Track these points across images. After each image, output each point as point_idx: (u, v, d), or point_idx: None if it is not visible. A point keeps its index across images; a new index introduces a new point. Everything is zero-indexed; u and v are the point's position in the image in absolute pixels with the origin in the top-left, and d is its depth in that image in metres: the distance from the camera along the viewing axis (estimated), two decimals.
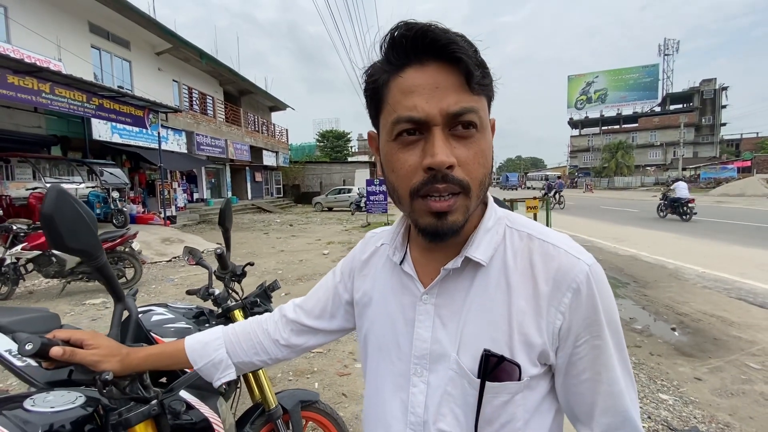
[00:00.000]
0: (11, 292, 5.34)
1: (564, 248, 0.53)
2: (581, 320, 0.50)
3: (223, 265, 1.46)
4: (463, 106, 0.47)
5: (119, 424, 0.80)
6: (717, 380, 2.92)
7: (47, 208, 0.62)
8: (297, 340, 0.75)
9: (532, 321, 0.51)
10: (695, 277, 5.73)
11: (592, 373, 0.51)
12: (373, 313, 0.64)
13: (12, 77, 7.09)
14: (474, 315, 0.53)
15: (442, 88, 0.47)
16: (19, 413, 0.85)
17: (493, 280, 0.53)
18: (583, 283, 0.50)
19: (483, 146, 0.49)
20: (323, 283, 0.76)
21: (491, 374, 0.51)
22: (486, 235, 0.55)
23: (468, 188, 0.49)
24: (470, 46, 0.47)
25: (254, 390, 1.46)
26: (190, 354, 0.74)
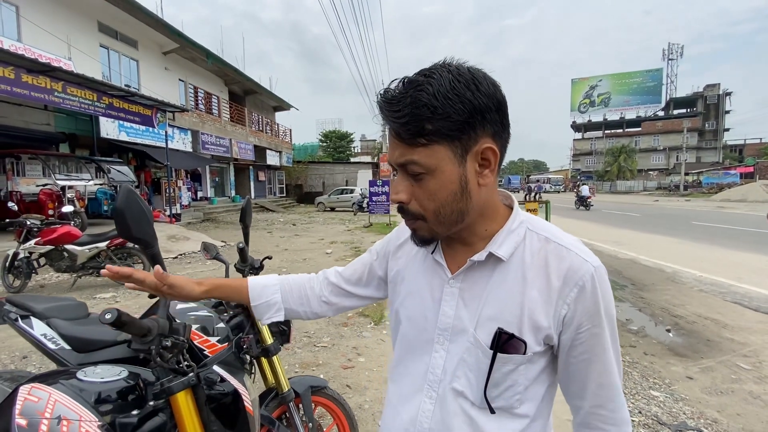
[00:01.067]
0: (24, 286, 5.48)
1: (575, 251, 0.64)
2: (584, 311, 0.62)
3: (243, 258, 1.59)
4: (406, 159, 0.60)
5: (162, 392, 0.93)
6: (708, 379, 3.02)
7: (120, 204, 0.75)
8: (334, 300, 0.90)
9: (541, 309, 0.63)
10: (692, 281, 5.82)
11: (589, 354, 0.63)
12: (406, 290, 0.77)
13: (26, 76, 7.26)
14: (492, 300, 0.65)
15: (394, 144, 0.61)
16: (74, 382, 0.98)
17: (512, 273, 0.65)
18: (588, 281, 0.62)
19: (432, 187, 0.61)
20: (362, 258, 0.91)
21: (502, 347, 0.63)
22: (509, 236, 0.66)
23: (422, 217, 0.64)
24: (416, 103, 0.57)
25: (268, 375, 1.58)
26: (251, 292, 0.88)
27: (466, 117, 0.57)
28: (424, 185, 0.61)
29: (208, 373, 1.02)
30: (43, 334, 1.58)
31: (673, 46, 58.36)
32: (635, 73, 58.95)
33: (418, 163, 0.59)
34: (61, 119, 11.37)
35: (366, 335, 3.77)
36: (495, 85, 0.60)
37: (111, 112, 9.62)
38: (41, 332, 1.58)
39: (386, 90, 0.61)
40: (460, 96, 0.56)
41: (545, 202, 5.33)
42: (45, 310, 1.63)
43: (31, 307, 1.63)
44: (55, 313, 1.64)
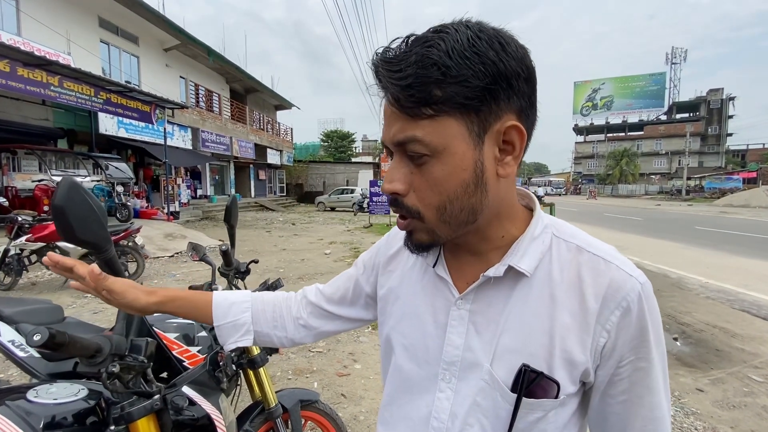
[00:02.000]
0: (14, 283, 5.36)
1: (616, 263, 0.50)
2: (628, 340, 0.49)
3: (227, 262, 1.46)
4: (406, 135, 0.45)
5: (121, 417, 0.81)
6: (719, 392, 2.90)
7: (59, 200, 0.62)
8: (314, 323, 0.74)
9: (576, 338, 0.49)
10: (698, 288, 5.69)
11: (632, 395, 0.50)
12: (400, 311, 0.62)
13: (22, 70, 7.15)
14: (512, 326, 0.51)
15: (390, 117, 0.47)
16: (22, 404, 0.86)
17: (536, 291, 0.51)
18: (634, 302, 0.48)
19: (437, 173, 0.46)
20: (346, 272, 0.76)
21: (528, 390, 0.49)
22: (532, 244, 0.52)
23: (418, 214, 0.49)
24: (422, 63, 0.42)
25: (254, 388, 1.46)
26: (215, 309, 0.71)
27: (487, 82, 0.43)
28: (427, 171, 0.46)
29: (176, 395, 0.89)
30: (10, 341, 1.46)
31: (676, 50, 58.27)
32: (638, 77, 58.83)
33: (422, 141, 0.45)
34: (60, 115, 11.26)
35: (363, 340, 3.64)
36: (525, 49, 0.46)
37: (109, 108, 9.51)
38: (9, 338, 1.46)
39: (386, 48, 0.46)
40: (480, 55, 0.43)
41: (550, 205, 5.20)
42: (14, 314, 1.51)
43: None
44: (25, 317, 1.51)
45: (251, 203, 21.00)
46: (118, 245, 5.65)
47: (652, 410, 0.50)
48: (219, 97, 19.33)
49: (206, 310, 0.71)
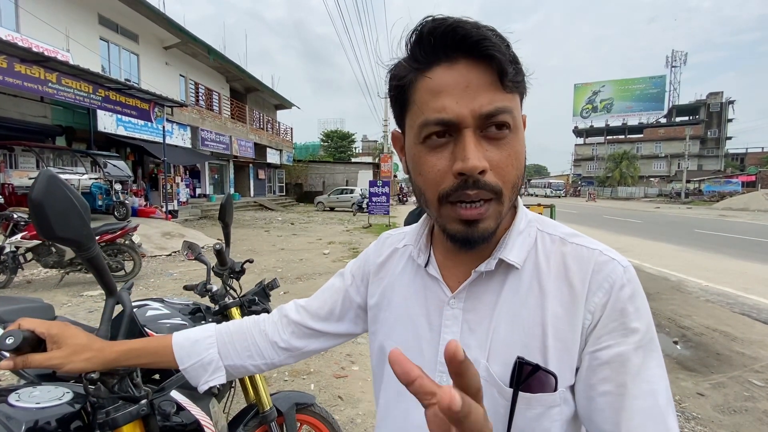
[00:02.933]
0: (9, 281, 5.32)
1: (599, 249, 0.51)
2: (608, 322, 0.47)
3: (221, 262, 1.43)
4: (497, 106, 0.44)
5: (106, 423, 0.77)
6: (720, 396, 2.87)
7: (37, 194, 0.58)
8: (298, 343, 0.70)
9: (568, 326, 0.48)
10: (698, 291, 5.67)
11: (615, 384, 0.45)
12: (393, 318, 0.60)
13: (19, 66, 7.10)
14: (505, 320, 0.50)
15: (473, 88, 0.44)
16: (2, 408, 0.82)
17: (525, 284, 0.51)
18: (615, 282, 0.47)
19: (517, 147, 0.47)
20: (331, 285, 0.72)
21: (525, 384, 0.48)
22: (519, 238, 0.53)
23: (500, 193, 0.47)
24: (503, 41, 0.45)
25: (249, 391, 1.42)
26: (177, 352, 0.67)
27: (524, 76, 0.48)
28: (508, 146, 0.46)
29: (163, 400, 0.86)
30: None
31: (676, 54, 58.35)
32: (638, 80, 58.90)
33: (512, 113, 0.46)
34: (58, 112, 11.21)
35: (361, 341, 3.61)
36: None
37: (107, 105, 9.46)
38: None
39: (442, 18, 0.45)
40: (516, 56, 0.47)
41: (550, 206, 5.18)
42: (3, 313, 1.47)
43: None
44: (14, 316, 1.47)
45: (250, 202, 20.95)
46: (114, 243, 5.61)
47: (644, 399, 0.45)
48: (219, 96, 19.28)
49: (168, 354, 0.67)
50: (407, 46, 0.48)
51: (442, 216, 0.49)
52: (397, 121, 0.54)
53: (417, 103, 0.47)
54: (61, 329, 0.62)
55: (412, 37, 0.46)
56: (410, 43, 0.47)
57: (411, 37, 0.47)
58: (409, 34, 0.47)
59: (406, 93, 0.49)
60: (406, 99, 0.49)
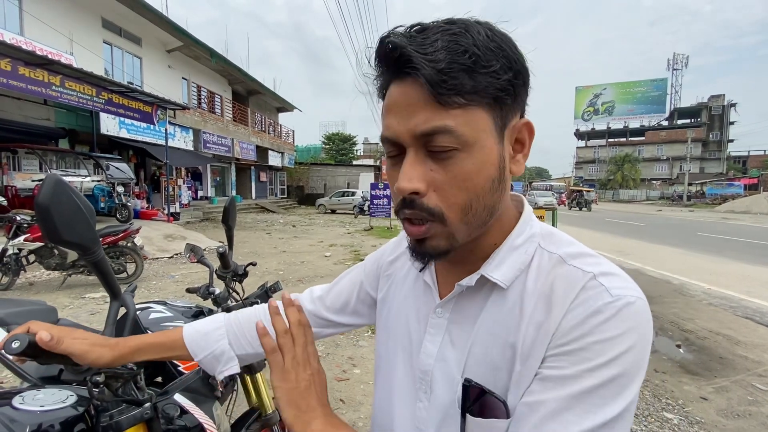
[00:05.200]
0: (12, 283, 5.33)
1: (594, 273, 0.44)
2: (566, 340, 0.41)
3: (224, 264, 1.43)
4: (434, 126, 0.41)
5: (110, 427, 0.77)
6: (723, 400, 2.85)
7: (43, 198, 0.58)
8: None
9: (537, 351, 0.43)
10: (701, 294, 5.65)
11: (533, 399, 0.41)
12: (393, 317, 0.61)
13: (23, 69, 7.14)
14: (482, 338, 0.48)
15: (413, 105, 0.42)
16: (6, 411, 0.82)
17: (509, 303, 0.47)
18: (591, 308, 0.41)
19: (466, 167, 0.42)
20: (347, 277, 0.72)
21: (474, 408, 0.45)
22: (511, 254, 0.48)
23: (441, 216, 0.43)
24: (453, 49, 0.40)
25: (251, 394, 1.42)
26: (189, 344, 0.69)
27: (511, 76, 0.42)
28: (455, 166, 0.42)
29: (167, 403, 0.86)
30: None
31: (678, 56, 58.34)
32: (640, 83, 58.90)
33: (454, 132, 0.41)
34: (62, 114, 11.26)
35: (362, 344, 3.60)
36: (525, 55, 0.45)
37: (110, 108, 9.50)
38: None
39: (392, 32, 0.43)
40: (503, 49, 0.41)
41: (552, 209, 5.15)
42: (6, 315, 1.47)
43: None
44: (18, 319, 1.47)
45: (252, 205, 20.98)
46: (117, 246, 5.63)
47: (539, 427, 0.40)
48: (221, 99, 19.35)
49: (180, 348, 0.69)
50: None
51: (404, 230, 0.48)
52: None
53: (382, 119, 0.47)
54: (71, 331, 0.63)
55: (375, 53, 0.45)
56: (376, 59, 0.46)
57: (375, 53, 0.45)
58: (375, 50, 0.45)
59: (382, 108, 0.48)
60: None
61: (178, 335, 0.69)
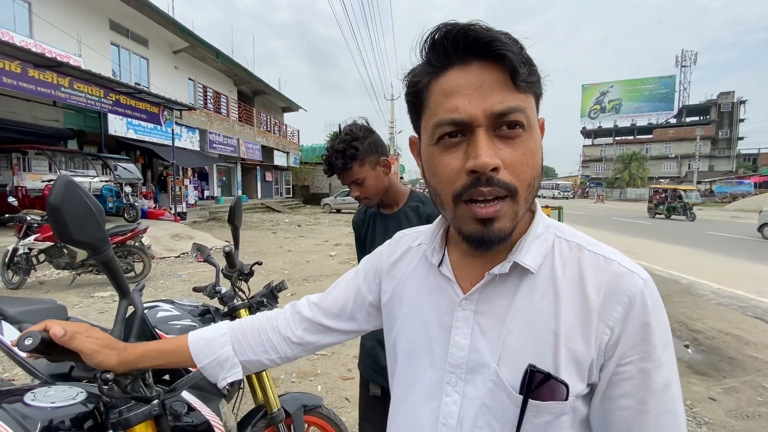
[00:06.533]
0: (22, 282, 5.42)
1: (617, 260, 0.50)
2: (630, 337, 0.46)
3: (231, 264, 1.45)
4: (509, 105, 0.45)
5: (119, 423, 0.78)
6: (732, 401, 2.82)
7: (54, 199, 0.60)
8: (311, 338, 0.71)
9: (580, 336, 0.47)
10: (710, 294, 5.59)
11: (635, 400, 0.46)
12: (404, 315, 0.61)
13: (33, 71, 7.24)
14: (518, 325, 0.50)
15: (486, 87, 0.45)
16: (18, 407, 0.84)
17: (540, 289, 0.50)
18: (636, 297, 0.47)
19: (531, 146, 0.47)
20: (343, 282, 0.73)
21: (535, 391, 0.48)
22: (535, 242, 0.52)
23: (515, 192, 0.46)
24: (515, 42, 0.46)
25: (257, 392, 1.43)
26: (193, 351, 0.70)
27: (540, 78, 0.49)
28: (522, 144, 0.46)
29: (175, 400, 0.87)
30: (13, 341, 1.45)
31: (686, 53, 57.59)
32: (647, 80, 58.25)
33: (525, 111, 0.46)
34: (70, 116, 11.40)
35: None
36: None
37: (118, 109, 9.60)
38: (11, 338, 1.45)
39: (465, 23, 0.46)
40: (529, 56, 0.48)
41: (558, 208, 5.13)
42: (17, 314, 1.50)
43: (2, 310, 1.49)
44: (28, 317, 1.50)
45: (257, 204, 21.08)
46: (125, 245, 5.69)
47: (659, 417, 0.46)
48: (227, 99, 19.46)
49: (184, 354, 0.70)
50: (422, 53, 0.49)
51: (457, 216, 0.49)
52: (414, 126, 0.55)
53: (431, 106, 0.49)
54: (89, 329, 0.65)
55: (427, 42, 0.48)
56: (425, 49, 0.48)
57: (425, 42, 0.48)
58: (423, 40, 0.48)
59: (421, 97, 0.50)
60: (422, 103, 0.50)
61: (183, 342, 0.70)
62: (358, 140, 1.25)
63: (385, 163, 1.31)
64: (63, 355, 0.62)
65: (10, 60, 6.85)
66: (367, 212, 1.46)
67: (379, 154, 1.30)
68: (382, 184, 1.32)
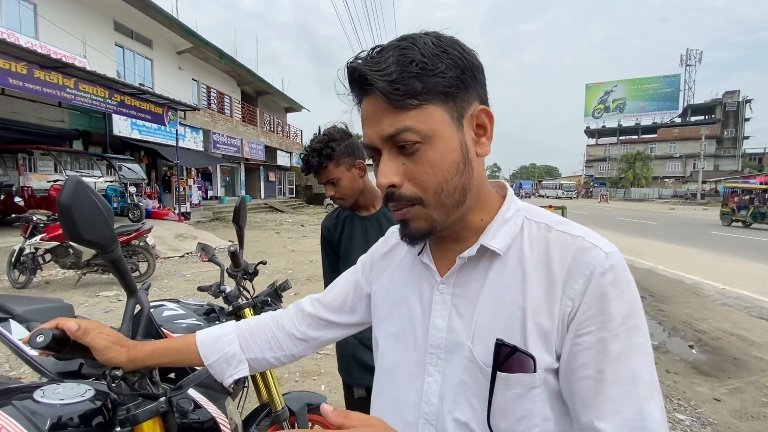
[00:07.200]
0: (29, 282, 5.47)
1: (582, 236, 0.52)
2: (588, 307, 0.48)
3: (235, 263, 1.46)
4: (396, 128, 0.49)
5: (126, 420, 0.79)
6: (737, 402, 2.81)
7: (65, 199, 0.61)
8: (314, 334, 0.74)
9: (546, 310, 0.50)
10: (714, 294, 5.56)
11: (594, 370, 0.47)
12: (391, 303, 0.65)
13: (39, 72, 7.30)
14: (488, 304, 0.53)
15: (377, 115, 0.50)
16: (28, 404, 0.85)
17: (509, 269, 0.53)
18: (596, 269, 0.48)
19: (431, 156, 0.50)
20: (343, 277, 0.76)
21: (503, 364, 0.50)
22: (504, 226, 0.56)
23: (420, 200, 0.51)
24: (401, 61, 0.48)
25: (261, 390, 1.45)
26: (201, 349, 0.72)
27: (458, 73, 0.50)
28: (421, 158, 0.50)
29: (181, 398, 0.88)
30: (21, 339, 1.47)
31: (691, 52, 57.18)
32: (652, 79, 57.92)
33: (413, 130, 0.49)
34: (75, 116, 11.48)
35: None
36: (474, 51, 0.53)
37: (122, 110, 9.67)
38: (20, 337, 1.47)
39: (356, 57, 0.52)
40: (448, 53, 0.50)
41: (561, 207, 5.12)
42: (25, 312, 1.52)
43: (11, 309, 1.51)
44: (36, 316, 1.52)
45: (261, 204, 21.15)
46: (129, 245, 5.73)
47: (616, 385, 0.46)
48: (230, 100, 19.54)
49: (192, 352, 0.72)
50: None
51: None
52: None
53: None
54: (98, 326, 0.67)
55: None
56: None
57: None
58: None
59: None
60: None
61: (191, 340, 0.73)
62: (335, 141, 1.29)
63: (360, 166, 1.35)
64: (73, 352, 0.63)
65: (16, 61, 6.92)
66: (339, 216, 1.47)
67: (355, 156, 1.33)
68: (357, 186, 1.35)
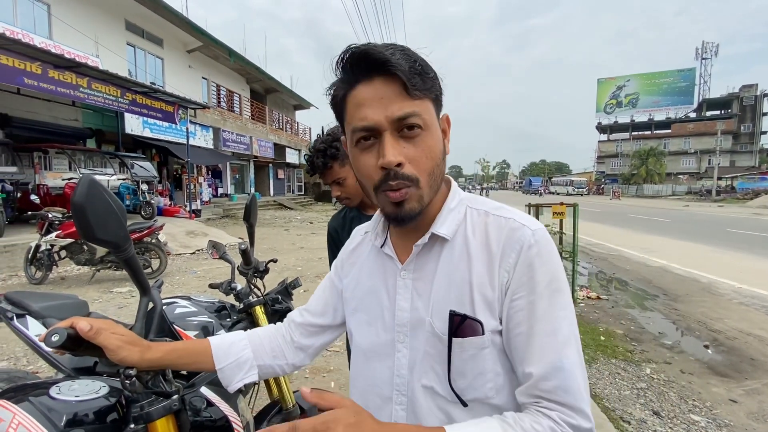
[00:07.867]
0: (45, 278, 5.59)
1: (513, 218, 0.61)
2: (519, 277, 0.57)
3: (246, 261, 1.46)
4: (406, 111, 0.55)
5: (140, 417, 0.80)
6: (754, 403, 2.75)
7: (79, 198, 0.61)
8: (307, 341, 0.80)
9: (488, 282, 0.58)
10: (731, 293, 5.44)
11: (526, 327, 0.56)
12: (361, 293, 0.72)
13: (53, 72, 7.42)
14: (442, 283, 0.61)
15: (386, 98, 0.55)
16: (44, 400, 0.86)
17: (457, 252, 0.62)
18: (524, 244, 0.57)
19: (429, 143, 0.57)
20: (323, 283, 0.83)
21: (457, 331, 0.59)
22: (450, 215, 0.64)
23: (417, 181, 0.57)
24: (408, 58, 0.55)
25: (272, 388, 1.45)
26: (215, 352, 0.74)
27: (438, 82, 0.59)
28: (421, 142, 0.57)
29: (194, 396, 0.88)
30: (38, 335, 1.50)
31: (707, 45, 55.80)
32: (666, 73, 56.72)
33: (420, 115, 0.56)
34: (88, 115, 11.67)
35: None
36: None
37: (134, 108, 9.79)
38: (36, 332, 1.49)
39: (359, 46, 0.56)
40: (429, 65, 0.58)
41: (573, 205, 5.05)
42: (42, 309, 1.54)
43: (28, 305, 1.54)
44: (52, 312, 1.55)
45: (270, 202, 21.28)
46: (141, 242, 5.81)
47: (542, 337, 0.55)
48: (240, 98, 19.66)
49: (205, 355, 0.74)
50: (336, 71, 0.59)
51: (380, 202, 0.60)
52: (341, 130, 0.65)
53: (348, 114, 0.59)
54: (111, 326, 0.67)
55: (339, 63, 0.58)
56: (339, 68, 0.58)
57: (338, 63, 0.58)
58: (337, 61, 0.58)
59: (340, 107, 0.60)
60: (341, 111, 0.61)
61: (206, 344, 0.75)
62: (338, 141, 1.27)
63: None
64: (87, 351, 0.64)
65: (31, 61, 7.04)
66: (345, 216, 1.45)
67: None
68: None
